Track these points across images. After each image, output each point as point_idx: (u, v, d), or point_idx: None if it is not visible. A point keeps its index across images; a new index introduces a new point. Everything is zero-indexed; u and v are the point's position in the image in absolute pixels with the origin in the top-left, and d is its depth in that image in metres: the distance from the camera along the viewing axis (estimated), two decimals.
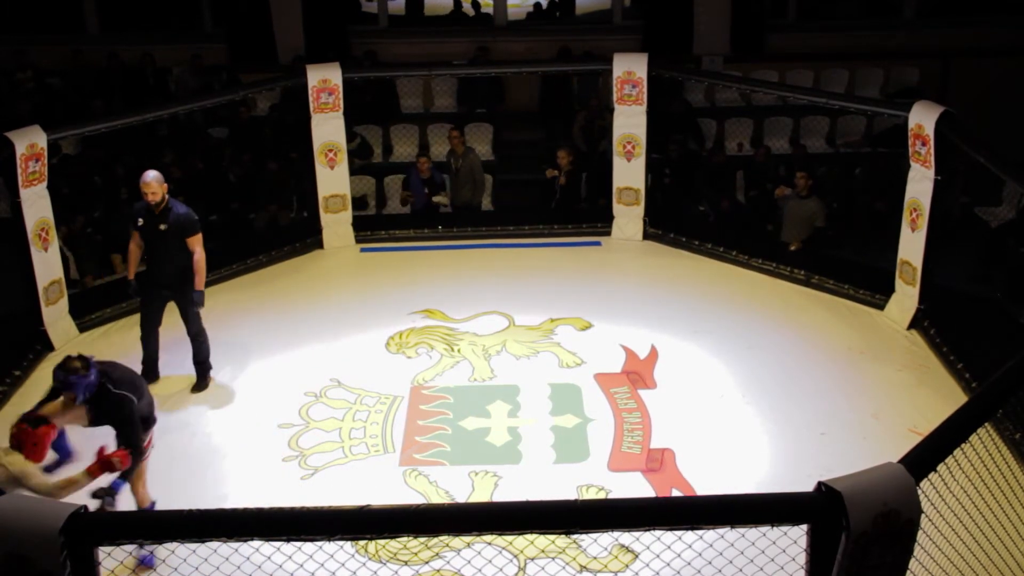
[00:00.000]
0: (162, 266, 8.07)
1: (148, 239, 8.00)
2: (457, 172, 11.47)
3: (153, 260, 8.11)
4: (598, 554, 6.13)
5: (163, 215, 7.90)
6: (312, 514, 3.72)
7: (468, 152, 11.60)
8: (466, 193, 11.52)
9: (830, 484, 3.67)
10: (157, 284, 8.15)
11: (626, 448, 7.39)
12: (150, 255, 8.09)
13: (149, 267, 8.16)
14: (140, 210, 7.97)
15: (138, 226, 8.00)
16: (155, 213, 7.88)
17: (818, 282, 9.87)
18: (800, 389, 8.09)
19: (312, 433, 7.61)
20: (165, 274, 8.07)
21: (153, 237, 7.97)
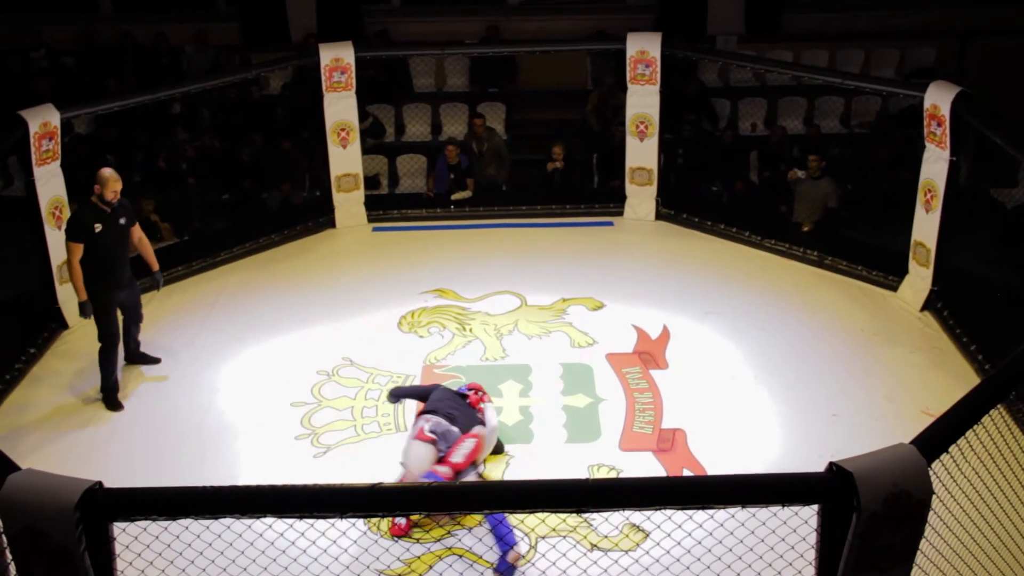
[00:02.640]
0: (124, 266, 7.65)
1: (107, 243, 7.44)
2: (481, 154, 11.49)
3: (113, 263, 7.55)
4: (609, 533, 6.16)
5: (119, 209, 7.50)
6: (324, 492, 3.74)
7: (491, 133, 11.65)
8: (491, 171, 11.56)
9: (841, 464, 3.67)
10: (117, 289, 7.63)
11: (637, 428, 7.40)
12: (108, 260, 7.50)
13: (108, 274, 7.53)
14: (93, 216, 7.40)
15: (95, 234, 7.40)
16: (111, 211, 7.42)
17: (831, 263, 9.85)
18: (812, 370, 8.08)
19: (324, 411, 7.64)
20: (125, 275, 7.67)
21: (114, 238, 7.49)
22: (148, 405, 7.69)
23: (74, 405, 7.79)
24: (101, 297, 7.54)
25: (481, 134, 11.51)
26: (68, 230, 7.45)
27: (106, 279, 7.52)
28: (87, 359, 8.41)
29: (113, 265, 7.54)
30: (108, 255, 7.48)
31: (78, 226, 7.41)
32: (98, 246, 7.43)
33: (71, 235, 7.42)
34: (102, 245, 7.44)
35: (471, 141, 11.61)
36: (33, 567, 3.69)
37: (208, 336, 8.71)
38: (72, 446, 7.25)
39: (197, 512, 3.73)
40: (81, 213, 7.47)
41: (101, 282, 7.51)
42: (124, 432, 7.43)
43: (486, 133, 11.56)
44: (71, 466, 6.27)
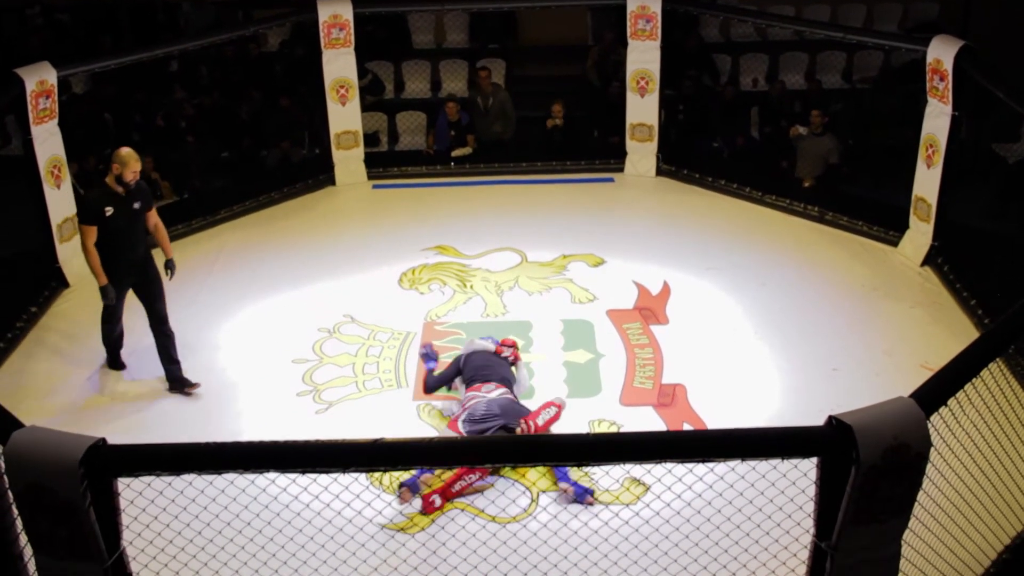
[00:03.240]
0: (136, 251, 7.23)
1: (120, 226, 7.05)
2: (487, 111, 11.43)
3: (126, 247, 7.16)
4: (610, 486, 6.20)
5: (135, 193, 7.11)
6: (326, 447, 3.77)
7: (497, 89, 11.59)
8: (497, 128, 11.51)
9: (841, 418, 3.69)
10: (128, 275, 7.25)
11: (638, 383, 7.43)
12: (121, 243, 7.11)
13: (120, 258, 7.16)
14: (104, 198, 7.01)
15: (106, 217, 7.00)
16: (126, 194, 7.04)
17: (832, 219, 9.84)
18: (812, 325, 8.10)
19: (326, 368, 7.67)
20: (138, 259, 7.25)
21: (128, 221, 7.10)
22: (150, 363, 7.70)
23: (76, 363, 7.81)
24: (112, 277, 7.17)
25: (487, 89, 11.44)
26: (79, 212, 7.21)
27: (114, 265, 7.14)
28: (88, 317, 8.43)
29: (125, 248, 7.13)
30: (120, 238, 7.08)
31: (89, 208, 7.07)
32: (108, 230, 7.04)
33: (82, 217, 7.16)
34: (113, 229, 7.04)
35: (476, 96, 11.54)
36: (39, 522, 3.73)
37: (209, 294, 8.72)
38: (75, 403, 7.28)
39: (200, 467, 3.76)
40: (92, 194, 7.14)
41: (108, 268, 7.13)
42: (127, 390, 7.46)
43: (492, 89, 11.50)
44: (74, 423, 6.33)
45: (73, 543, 3.71)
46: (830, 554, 3.83)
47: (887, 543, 3.91)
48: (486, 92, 11.46)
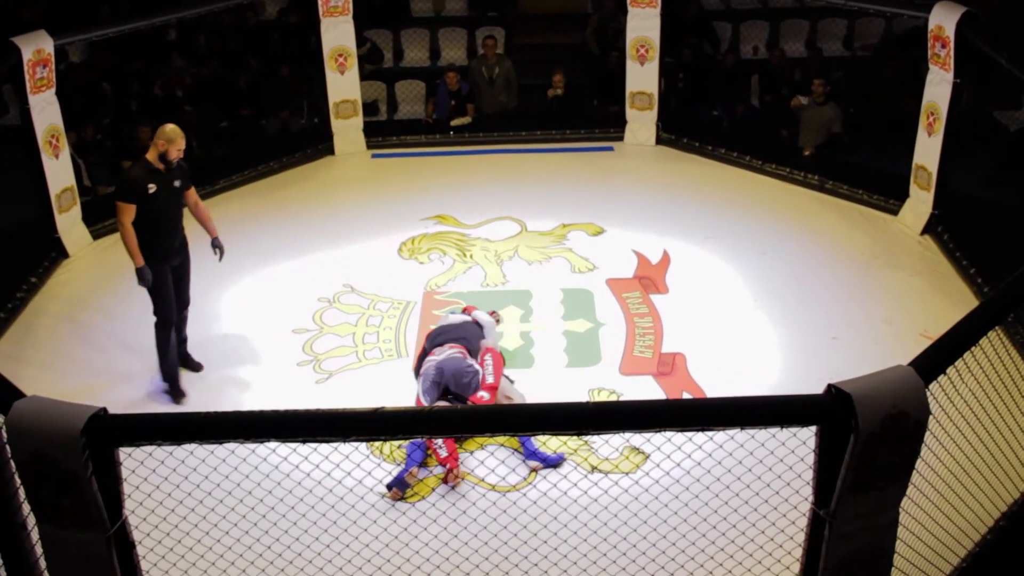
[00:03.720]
0: (176, 232, 6.92)
1: (161, 206, 6.71)
2: (492, 81, 11.39)
3: (167, 228, 6.84)
4: (609, 455, 6.23)
5: (176, 170, 6.78)
6: (327, 416, 3.77)
7: (502, 59, 11.54)
8: (503, 99, 11.48)
9: (840, 386, 3.69)
10: (169, 256, 6.91)
11: (638, 352, 7.44)
12: (163, 223, 6.79)
13: (163, 239, 6.83)
14: (147, 175, 6.65)
15: (149, 195, 6.65)
16: (167, 171, 6.71)
17: (832, 187, 9.82)
18: (812, 294, 8.10)
19: (326, 338, 7.68)
20: (177, 241, 6.96)
21: (168, 201, 6.77)
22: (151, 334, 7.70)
23: (76, 334, 7.82)
24: (155, 267, 6.81)
25: (493, 59, 11.40)
26: (119, 189, 6.74)
27: (154, 247, 6.78)
28: (88, 288, 8.45)
29: (162, 231, 6.80)
30: (159, 220, 6.73)
31: (131, 185, 6.65)
32: (149, 209, 6.67)
33: (122, 195, 6.66)
34: (154, 208, 6.68)
35: (481, 66, 11.49)
36: (42, 492, 3.74)
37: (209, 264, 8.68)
38: (76, 373, 7.29)
39: (201, 437, 3.76)
40: (134, 171, 6.73)
41: (148, 250, 6.75)
42: (127, 360, 7.46)
43: (497, 59, 11.45)
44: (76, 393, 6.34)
45: (76, 512, 3.73)
46: (828, 522, 3.85)
47: (885, 510, 3.92)
48: (491, 62, 11.41)
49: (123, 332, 7.78)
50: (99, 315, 8.02)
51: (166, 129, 6.69)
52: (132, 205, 6.62)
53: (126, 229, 6.67)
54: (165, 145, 6.63)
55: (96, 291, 8.42)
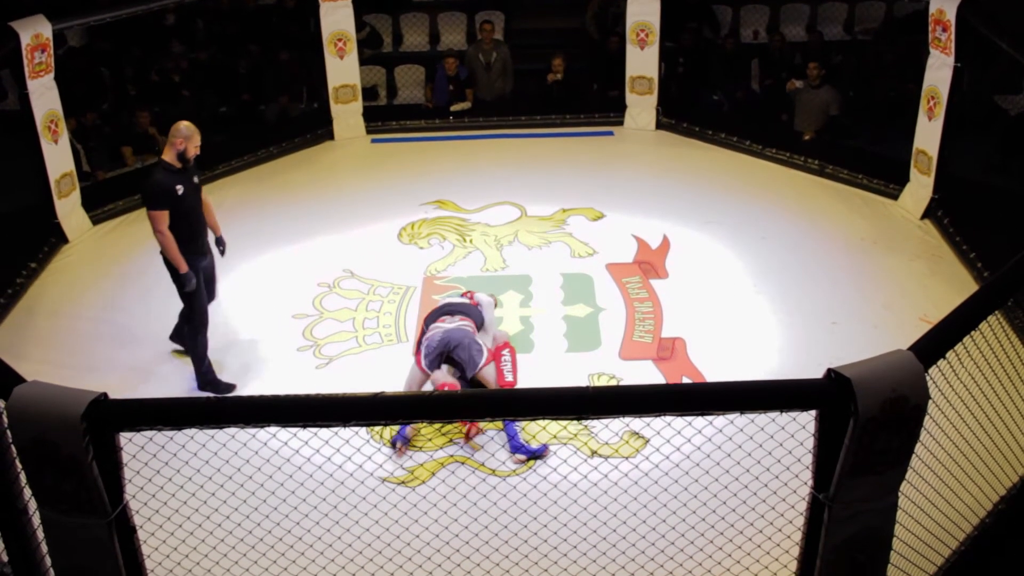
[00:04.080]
0: (204, 229, 6.82)
1: (189, 206, 6.59)
2: (490, 67, 11.36)
3: (198, 227, 6.74)
4: (609, 440, 6.24)
5: (192, 167, 6.64)
6: (327, 401, 3.76)
7: (500, 45, 11.52)
8: (500, 85, 11.46)
9: (840, 371, 3.68)
10: (202, 255, 6.81)
11: (637, 337, 7.44)
12: (191, 224, 6.66)
13: (195, 238, 6.72)
14: (171, 177, 6.51)
15: (178, 197, 6.51)
16: (186, 169, 6.59)
17: (832, 172, 9.81)
18: (812, 279, 8.10)
19: (326, 323, 7.68)
20: (205, 240, 6.85)
21: (194, 199, 6.66)
22: (150, 319, 7.72)
23: (76, 319, 7.82)
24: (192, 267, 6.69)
25: (490, 44, 11.37)
26: (150, 198, 6.50)
27: (190, 247, 6.67)
28: (88, 273, 8.45)
29: (196, 230, 6.70)
30: (190, 219, 6.63)
31: (159, 191, 6.46)
32: (181, 211, 6.53)
33: (154, 203, 6.46)
34: (184, 209, 6.55)
35: (478, 52, 11.46)
36: (43, 477, 3.75)
37: None
38: (76, 359, 7.30)
39: (201, 422, 3.76)
40: (157, 176, 6.52)
41: (185, 253, 6.62)
42: (127, 345, 7.47)
43: (494, 44, 11.42)
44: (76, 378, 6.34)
45: (77, 497, 3.74)
46: (827, 506, 3.85)
47: (884, 494, 3.93)
48: (488, 47, 11.37)
49: (123, 317, 7.79)
50: (99, 300, 8.02)
51: (181, 127, 6.58)
52: (165, 211, 6.47)
53: (166, 236, 6.51)
54: (184, 143, 6.52)
55: (96, 276, 8.41)
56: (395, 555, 5.15)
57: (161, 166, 6.57)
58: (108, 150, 10.52)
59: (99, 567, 3.93)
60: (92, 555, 3.90)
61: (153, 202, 6.49)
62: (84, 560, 3.92)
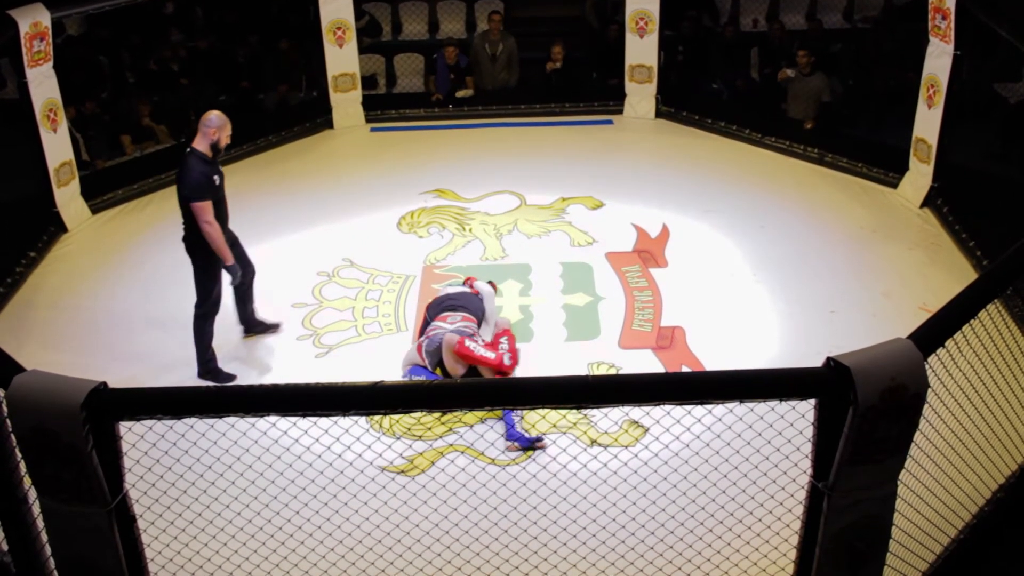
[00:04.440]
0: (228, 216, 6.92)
1: (222, 194, 6.71)
2: (495, 58, 11.34)
3: (226, 214, 6.83)
4: (608, 428, 6.23)
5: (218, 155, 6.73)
6: (327, 390, 3.76)
7: (507, 36, 11.48)
8: (504, 76, 11.43)
9: (839, 359, 3.68)
10: (232, 244, 6.88)
11: (637, 326, 7.44)
12: (224, 211, 6.77)
13: (225, 228, 6.78)
14: (207, 167, 6.58)
15: (216, 186, 6.61)
16: (216, 158, 6.68)
17: (832, 160, 9.80)
18: (811, 268, 8.09)
19: (325, 312, 7.68)
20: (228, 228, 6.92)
21: (223, 189, 6.74)
22: (150, 308, 7.72)
23: (76, 308, 7.81)
24: (213, 259, 6.69)
25: (497, 35, 11.35)
26: (194, 190, 6.50)
27: (228, 233, 6.81)
28: (87, 262, 8.44)
29: (224, 219, 6.76)
30: (221, 207, 6.71)
31: (202, 182, 6.51)
32: (216, 200, 6.60)
33: (200, 195, 6.50)
34: (218, 198, 6.64)
35: (484, 42, 11.43)
36: (44, 466, 3.75)
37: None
38: (75, 348, 7.29)
39: (201, 411, 3.76)
40: (196, 168, 6.53)
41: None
42: (128, 334, 7.47)
43: (501, 35, 11.40)
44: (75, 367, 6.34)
45: (77, 486, 3.74)
46: (827, 494, 3.86)
47: (884, 483, 3.93)
48: (495, 38, 11.35)
49: (122, 307, 7.78)
50: (99, 289, 8.01)
51: (212, 117, 6.60)
52: (209, 202, 6.52)
53: (213, 227, 6.54)
54: (216, 133, 6.57)
55: (95, 265, 8.41)
56: (395, 544, 5.15)
57: (196, 156, 6.58)
58: (107, 139, 10.51)
59: (99, 556, 3.93)
60: (92, 544, 3.90)
61: (198, 194, 6.52)
62: (84, 549, 3.93)
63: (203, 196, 6.51)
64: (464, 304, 6.94)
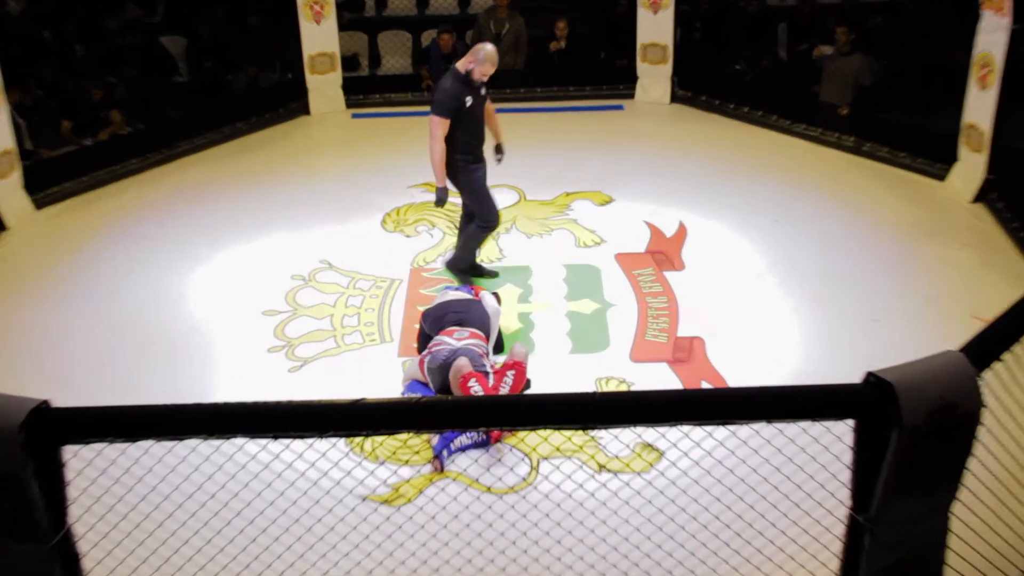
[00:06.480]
0: (483, 139, 7.75)
1: (474, 116, 7.52)
2: (500, 38, 11.35)
3: (480, 135, 7.69)
4: (619, 452, 6.19)
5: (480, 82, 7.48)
6: (301, 408, 3.72)
7: (514, 16, 11.51)
8: (510, 59, 11.46)
9: (880, 375, 3.64)
10: (480, 161, 7.76)
11: (650, 336, 7.42)
12: (475, 133, 7.61)
13: (474, 151, 7.65)
14: (466, 89, 7.39)
15: (465, 107, 7.41)
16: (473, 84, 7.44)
17: (870, 150, 9.80)
18: (847, 271, 8.08)
19: (300, 321, 7.65)
20: (482, 147, 7.77)
21: (478, 110, 7.55)
22: (105, 317, 7.68)
23: (19, 316, 7.78)
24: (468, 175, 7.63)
25: (503, 14, 11.35)
26: (436, 103, 7.40)
27: (469, 156, 7.63)
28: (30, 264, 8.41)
29: (479, 138, 7.67)
30: (474, 129, 7.56)
31: (448, 99, 7.36)
32: (464, 121, 7.45)
33: (438, 109, 7.37)
34: (469, 120, 7.49)
35: (490, 20, 11.43)
36: None
37: (169, 239, 8.66)
38: (18, 361, 7.25)
39: (158, 433, 3.71)
40: (451, 85, 7.40)
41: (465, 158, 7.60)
42: (79, 346, 7.43)
43: (508, 14, 11.40)
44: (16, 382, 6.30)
45: (13, 520, 3.67)
46: (869, 529, 3.81)
47: (933, 516, 3.89)
48: (501, 16, 11.35)
49: (69, 316, 7.74)
50: (42, 295, 7.96)
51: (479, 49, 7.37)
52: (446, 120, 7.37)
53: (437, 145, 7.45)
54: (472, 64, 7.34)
55: (38, 268, 8.37)
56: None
57: (453, 73, 7.41)
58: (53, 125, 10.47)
59: None
60: None
61: (436, 108, 7.37)
62: None
63: (440, 112, 7.32)
64: (470, 318, 6.90)
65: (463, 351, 6.60)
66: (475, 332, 6.82)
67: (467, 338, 6.75)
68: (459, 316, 6.95)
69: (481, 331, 6.87)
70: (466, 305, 7.06)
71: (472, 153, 7.60)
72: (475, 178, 7.65)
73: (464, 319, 6.92)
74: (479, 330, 6.86)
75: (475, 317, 6.96)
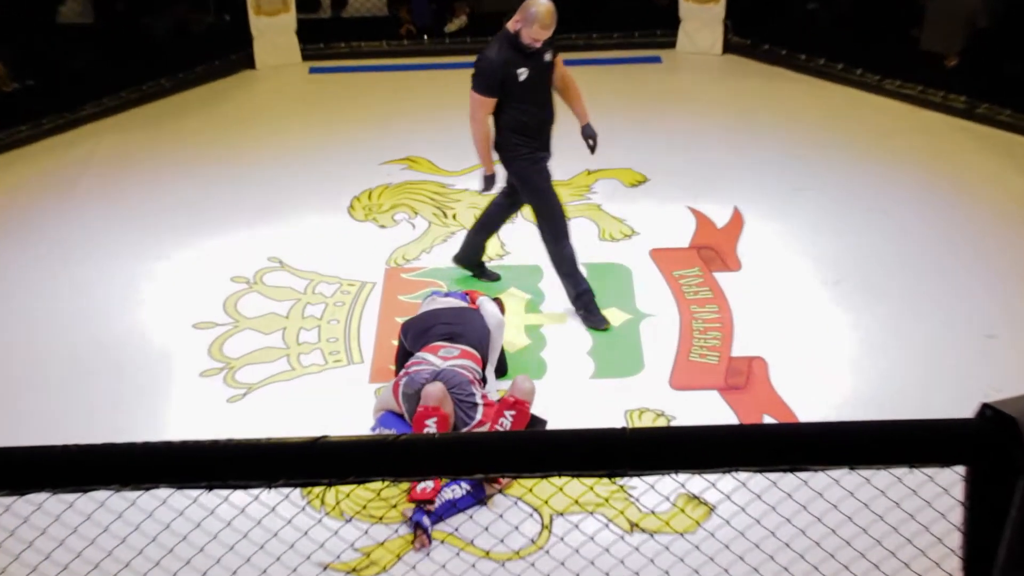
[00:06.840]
0: (551, 120, 7.64)
1: (533, 90, 7.39)
2: None
3: (543, 116, 7.55)
4: (656, 507, 6.19)
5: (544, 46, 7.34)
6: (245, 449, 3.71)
7: None
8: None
9: (998, 407, 3.64)
10: (547, 150, 7.66)
11: (696, 356, 7.43)
12: (534, 112, 7.47)
13: (536, 136, 7.51)
14: (516, 56, 7.26)
15: (517, 81, 7.31)
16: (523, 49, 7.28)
17: (985, 112, 9.81)
18: (952, 271, 8.09)
19: (244, 336, 7.67)
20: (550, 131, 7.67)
21: (541, 83, 7.45)
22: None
23: None
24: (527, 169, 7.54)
25: None
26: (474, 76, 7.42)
27: (531, 143, 7.52)
28: None
29: (540, 120, 7.55)
30: (533, 107, 7.46)
31: (488, 71, 7.34)
32: (517, 96, 7.38)
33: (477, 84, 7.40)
34: (524, 95, 7.40)
35: None
36: None
37: (69, 228, 8.67)
38: None
39: (55, 483, 3.70)
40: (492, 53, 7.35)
41: (526, 145, 7.49)
42: None
43: None
44: None
45: None
46: None
47: None
48: None
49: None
50: None
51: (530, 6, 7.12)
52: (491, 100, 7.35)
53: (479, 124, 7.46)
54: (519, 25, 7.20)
55: None
56: None
57: (500, 36, 7.37)
58: None
59: None
60: None
61: (476, 82, 7.41)
62: None
63: (480, 88, 7.35)
64: (463, 331, 6.86)
65: (446, 373, 6.60)
66: (468, 351, 6.78)
67: (456, 357, 6.70)
68: (449, 329, 6.90)
69: (477, 349, 6.83)
70: (459, 315, 7.03)
71: (534, 138, 7.48)
72: (536, 171, 7.55)
73: (456, 333, 6.88)
74: (474, 348, 6.82)
75: (470, 331, 6.92)
